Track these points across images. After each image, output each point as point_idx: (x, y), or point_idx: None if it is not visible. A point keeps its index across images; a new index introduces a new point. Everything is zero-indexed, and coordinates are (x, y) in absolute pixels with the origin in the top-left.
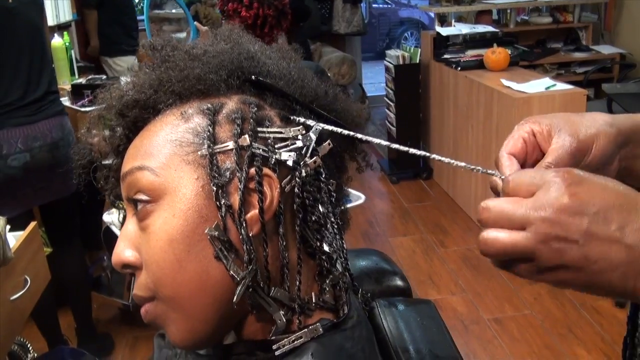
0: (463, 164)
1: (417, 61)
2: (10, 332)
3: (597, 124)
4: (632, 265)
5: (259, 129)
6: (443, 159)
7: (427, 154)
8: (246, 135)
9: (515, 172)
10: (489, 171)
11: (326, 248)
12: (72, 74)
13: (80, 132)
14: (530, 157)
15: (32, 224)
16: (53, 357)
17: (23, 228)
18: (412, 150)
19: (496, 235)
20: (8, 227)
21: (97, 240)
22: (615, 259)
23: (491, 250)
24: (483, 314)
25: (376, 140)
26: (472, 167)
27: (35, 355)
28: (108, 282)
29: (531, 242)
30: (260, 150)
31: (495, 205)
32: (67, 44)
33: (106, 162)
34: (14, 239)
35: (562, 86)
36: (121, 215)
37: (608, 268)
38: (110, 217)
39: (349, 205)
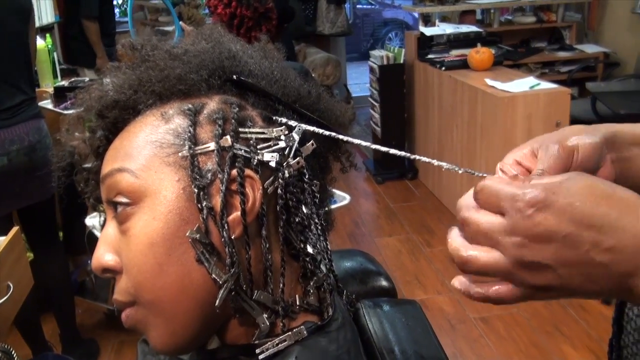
0: (444, 164)
1: (402, 61)
2: None
3: (577, 129)
4: (610, 279)
5: (240, 129)
6: (424, 158)
7: (408, 155)
8: (228, 136)
9: (489, 178)
10: (469, 170)
11: (310, 250)
12: (55, 76)
13: (60, 134)
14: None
15: (15, 229)
16: None
17: (4, 233)
18: (393, 151)
19: (475, 255)
20: None
21: (80, 244)
22: (591, 276)
23: (470, 267)
24: (470, 313)
25: (357, 141)
26: (453, 167)
27: None
28: (93, 286)
29: (507, 265)
30: (242, 151)
31: (473, 220)
32: (49, 46)
33: (86, 165)
34: None
35: (546, 85)
36: (102, 219)
37: (586, 284)
38: (92, 220)
39: (334, 206)
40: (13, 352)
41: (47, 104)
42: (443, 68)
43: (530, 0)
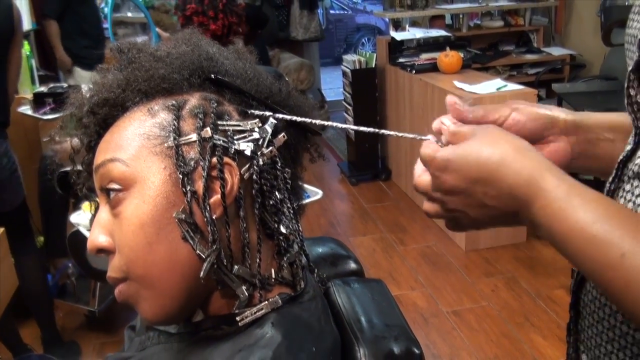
0: (405, 134)
1: (373, 65)
2: None
3: (531, 104)
4: (505, 216)
5: (219, 122)
6: (388, 132)
7: (372, 130)
8: (208, 128)
9: (425, 145)
10: (421, 137)
11: (283, 229)
12: (33, 82)
13: (53, 131)
14: None
15: None
16: None
17: None
18: (353, 127)
19: (425, 207)
20: None
21: (61, 248)
22: (491, 215)
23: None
24: (442, 307)
25: (320, 122)
26: (408, 135)
27: None
28: (73, 289)
29: (441, 211)
30: (221, 141)
31: (417, 182)
32: (27, 53)
33: (77, 167)
34: None
35: (513, 86)
36: (93, 208)
37: (491, 221)
38: (78, 218)
39: (307, 200)
40: None
41: (26, 110)
42: (413, 71)
43: (498, 5)
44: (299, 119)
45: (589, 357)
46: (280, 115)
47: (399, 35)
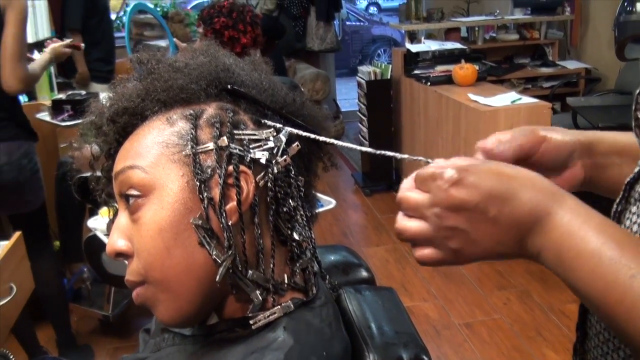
0: (408, 156)
1: (389, 77)
2: None
3: (553, 129)
4: (513, 239)
5: (235, 131)
6: (388, 153)
7: (372, 150)
8: (224, 137)
9: (420, 171)
10: (426, 159)
11: (296, 236)
12: (52, 89)
13: (74, 139)
14: None
15: (17, 234)
16: None
17: (4, 238)
18: (357, 148)
19: (405, 225)
20: None
21: (77, 253)
22: (497, 236)
23: (404, 236)
24: (454, 319)
25: (334, 141)
26: (412, 157)
27: None
28: (88, 294)
29: (430, 231)
30: (237, 150)
31: (405, 198)
32: None
33: (96, 173)
34: None
35: (527, 100)
36: (112, 213)
37: (494, 245)
38: (95, 223)
39: (321, 209)
40: (11, 357)
41: (44, 116)
42: (428, 83)
43: (513, 18)
44: (306, 134)
45: None
46: (292, 129)
47: (414, 47)
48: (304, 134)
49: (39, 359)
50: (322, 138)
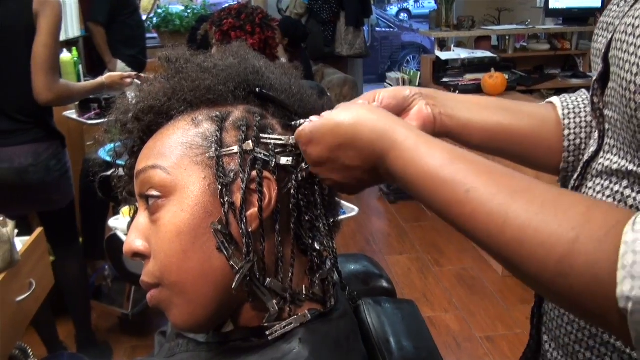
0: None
1: (417, 84)
2: (13, 334)
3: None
4: (368, 174)
5: (261, 135)
6: None
7: None
8: (250, 141)
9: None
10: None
11: (317, 246)
12: None
13: (98, 135)
14: None
15: (39, 230)
16: None
17: (26, 234)
18: None
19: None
20: (16, 231)
21: (99, 250)
22: (355, 174)
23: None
24: (475, 332)
25: None
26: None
27: None
28: (109, 291)
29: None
30: (262, 155)
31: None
32: (75, 59)
33: (119, 172)
34: (21, 243)
35: None
36: (132, 212)
37: (358, 182)
38: (117, 222)
39: (343, 217)
40: (29, 351)
41: (71, 114)
42: (457, 92)
43: (545, 28)
44: None
45: (550, 337)
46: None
47: (444, 55)
48: None
49: (56, 354)
50: None
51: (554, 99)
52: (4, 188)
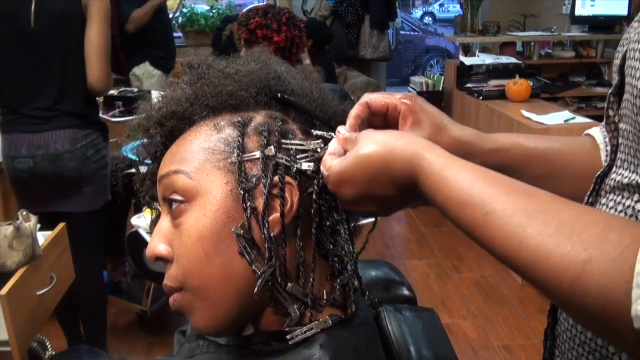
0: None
1: (440, 89)
2: (33, 327)
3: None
4: (405, 198)
5: (283, 140)
6: None
7: None
8: (272, 146)
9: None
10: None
11: (338, 251)
12: None
13: (120, 139)
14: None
15: (61, 225)
16: (71, 354)
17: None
18: None
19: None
20: (38, 225)
21: (119, 246)
22: (394, 203)
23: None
24: (493, 341)
25: None
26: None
27: (54, 353)
28: (128, 287)
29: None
30: (284, 160)
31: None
32: None
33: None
34: (43, 237)
35: (580, 119)
36: (154, 215)
37: (394, 206)
38: (139, 220)
39: (364, 221)
40: (47, 343)
41: None
42: (480, 97)
43: (570, 35)
44: None
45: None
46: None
47: (468, 60)
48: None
49: (74, 347)
50: None
51: (593, 131)
52: (37, 179)
